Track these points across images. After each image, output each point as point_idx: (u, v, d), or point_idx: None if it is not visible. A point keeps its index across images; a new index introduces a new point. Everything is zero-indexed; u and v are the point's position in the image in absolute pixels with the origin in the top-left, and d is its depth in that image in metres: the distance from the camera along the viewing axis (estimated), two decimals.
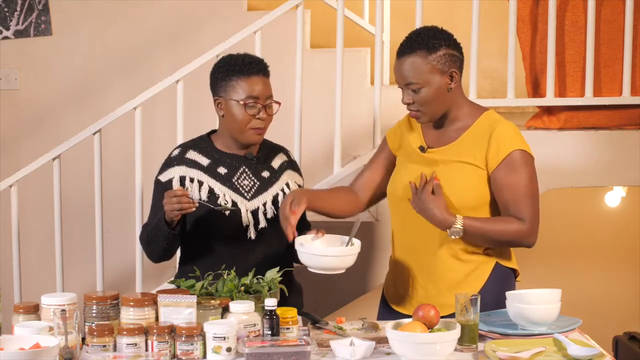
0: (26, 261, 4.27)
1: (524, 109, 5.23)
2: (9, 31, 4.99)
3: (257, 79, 3.09)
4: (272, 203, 3.15)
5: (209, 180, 3.12)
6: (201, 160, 3.15)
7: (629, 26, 4.09)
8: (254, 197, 3.14)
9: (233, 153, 3.17)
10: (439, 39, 2.98)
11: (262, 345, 2.59)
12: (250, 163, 3.17)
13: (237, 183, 3.13)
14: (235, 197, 3.11)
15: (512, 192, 2.96)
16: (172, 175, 3.15)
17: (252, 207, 3.13)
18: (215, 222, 3.11)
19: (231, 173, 3.14)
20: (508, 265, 3.10)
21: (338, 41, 4.09)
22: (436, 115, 3.03)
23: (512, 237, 2.98)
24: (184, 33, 4.99)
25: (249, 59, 3.12)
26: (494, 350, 2.61)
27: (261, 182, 3.16)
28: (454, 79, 2.99)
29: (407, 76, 2.97)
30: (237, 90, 3.08)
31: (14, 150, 4.98)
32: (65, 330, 2.56)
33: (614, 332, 4.67)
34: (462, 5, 5.12)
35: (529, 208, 2.96)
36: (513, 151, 2.97)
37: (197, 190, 3.11)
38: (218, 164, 3.15)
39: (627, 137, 4.15)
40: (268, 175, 3.19)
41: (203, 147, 3.18)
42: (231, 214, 3.10)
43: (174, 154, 3.19)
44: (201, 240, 3.15)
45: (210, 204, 3.07)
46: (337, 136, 4.11)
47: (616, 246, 5.62)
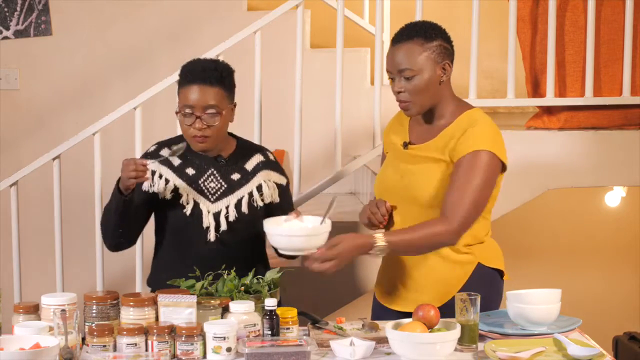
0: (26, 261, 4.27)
1: (524, 109, 5.23)
2: (9, 31, 4.99)
3: (196, 88, 3.04)
4: (234, 206, 3.13)
5: (175, 180, 3.12)
6: (173, 159, 3.15)
7: (629, 26, 4.09)
8: (218, 199, 3.13)
9: (204, 155, 3.16)
10: (435, 30, 3.01)
11: (262, 345, 2.59)
12: (220, 165, 3.16)
13: (203, 185, 3.13)
14: (198, 199, 3.11)
15: (454, 190, 2.91)
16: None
17: (215, 210, 3.12)
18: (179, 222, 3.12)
19: (198, 174, 3.14)
20: (492, 265, 3.08)
21: (338, 41, 4.09)
22: (424, 108, 3.02)
23: (437, 240, 2.92)
24: (184, 33, 4.99)
25: (193, 67, 3.09)
26: (494, 350, 2.61)
27: (229, 185, 3.15)
28: (446, 71, 2.99)
29: (401, 62, 2.97)
30: (179, 99, 3.09)
31: (14, 150, 4.98)
32: (65, 330, 2.56)
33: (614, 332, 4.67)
34: (462, 5, 5.12)
35: (461, 209, 2.89)
36: (476, 151, 2.93)
37: (163, 187, 3.12)
38: (187, 164, 3.15)
39: (627, 137, 4.15)
40: (238, 177, 3.17)
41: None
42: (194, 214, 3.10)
43: (150, 150, 3.21)
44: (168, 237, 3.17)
45: (164, 162, 3.10)
46: (337, 136, 4.11)
47: (616, 246, 5.62)
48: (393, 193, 3.08)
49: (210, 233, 3.11)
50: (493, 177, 2.96)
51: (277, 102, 4.76)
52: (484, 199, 2.95)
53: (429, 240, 2.92)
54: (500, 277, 3.12)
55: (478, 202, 2.93)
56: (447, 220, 2.90)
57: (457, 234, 2.92)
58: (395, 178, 3.08)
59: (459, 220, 2.90)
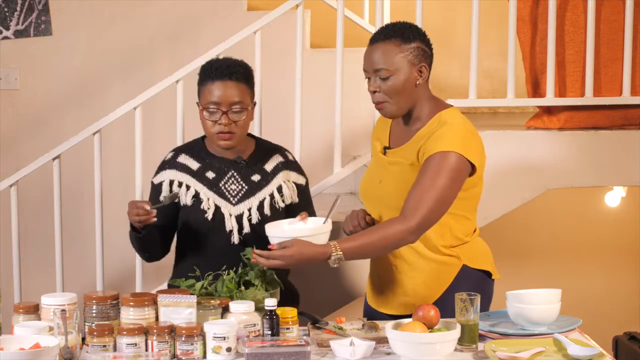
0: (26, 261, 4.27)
1: (524, 109, 5.23)
2: (9, 31, 4.99)
3: (221, 84, 3.07)
4: (257, 208, 3.14)
5: (196, 185, 3.14)
6: (191, 164, 3.16)
7: (629, 26, 4.08)
8: (240, 201, 3.13)
9: (223, 157, 3.16)
10: (413, 32, 2.99)
11: (262, 345, 2.59)
12: (240, 167, 3.16)
13: (224, 187, 3.13)
14: (219, 202, 3.12)
15: (416, 189, 2.88)
16: (163, 178, 3.18)
17: (237, 212, 3.12)
18: (201, 226, 3.12)
19: (219, 177, 3.14)
20: (478, 267, 3.07)
21: (338, 41, 4.09)
22: (401, 109, 3.00)
23: (395, 239, 2.88)
24: (184, 33, 4.99)
25: (218, 64, 3.11)
26: (494, 350, 2.61)
27: (249, 187, 3.15)
28: (423, 74, 2.98)
29: (377, 62, 2.96)
30: (203, 96, 3.10)
31: (14, 150, 4.98)
32: (65, 330, 2.56)
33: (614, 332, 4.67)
34: (462, 5, 5.12)
35: (422, 208, 2.85)
36: (443, 152, 2.89)
37: (184, 194, 3.13)
38: (207, 168, 3.16)
39: (627, 137, 4.15)
40: (259, 178, 3.17)
41: (196, 151, 3.20)
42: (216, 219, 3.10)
43: (167, 158, 3.22)
44: (190, 242, 3.17)
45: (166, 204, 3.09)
46: (337, 136, 4.11)
47: (616, 246, 5.62)
48: (374, 199, 3.08)
49: (234, 236, 3.11)
50: (459, 178, 2.91)
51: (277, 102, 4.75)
52: (447, 199, 2.90)
53: (387, 241, 2.88)
54: (488, 277, 3.11)
55: (440, 202, 2.88)
56: (405, 219, 2.86)
57: (414, 232, 2.87)
58: (374, 184, 3.08)
59: (418, 219, 2.85)
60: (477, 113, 5.37)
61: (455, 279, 3.02)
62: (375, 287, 3.16)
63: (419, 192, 2.87)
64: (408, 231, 2.86)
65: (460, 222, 3.02)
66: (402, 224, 2.86)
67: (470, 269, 3.05)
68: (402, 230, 2.86)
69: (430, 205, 2.86)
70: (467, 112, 3.51)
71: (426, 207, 2.86)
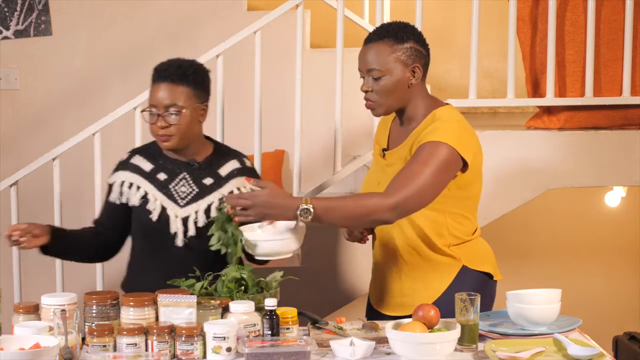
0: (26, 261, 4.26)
1: (524, 109, 5.23)
2: (9, 31, 4.99)
3: (162, 86, 3.05)
4: (204, 212, 3.11)
5: (147, 186, 3.12)
6: (144, 165, 3.15)
7: (629, 26, 4.09)
8: (188, 204, 3.11)
9: (177, 159, 3.14)
10: (408, 32, 2.98)
11: (262, 345, 2.59)
12: (192, 169, 3.14)
13: (174, 189, 3.12)
14: (166, 203, 3.10)
15: (404, 172, 2.85)
16: (115, 179, 3.18)
17: (184, 215, 3.10)
18: (147, 227, 3.11)
19: (170, 179, 3.13)
20: (478, 268, 3.06)
21: (338, 41, 4.10)
22: (390, 109, 3.00)
23: (369, 211, 2.81)
24: (184, 33, 4.99)
25: (165, 66, 3.09)
26: (494, 350, 2.61)
27: (200, 190, 3.13)
28: (416, 74, 2.97)
29: (370, 62, 2.95)
30: (148, 98, 3.10)
31: (14, 150, 4.98)
32: (65, 330, 2.56)
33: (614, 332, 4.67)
34: (462, 5, 5.12)
35: (403, 189, 2.80)
36: (436, 142, 2.87)
37: (134, 195, 3.12)
38: (160, 169, 3.14)
39: (627, 137, 4.15)
40: (211, 182, 3.14)
41: (150, 152, 3.18)
42: (161, 220, 3.08)
43: (122, 159, 3.21)
44: (139, 243, 3.19)
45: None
46: (337, 136, 4.11)
47: (616, 246, 5.62)
48: None
49: (178, 238, 3.09)
50: (447, 170, 2.88)
51: (277, 102, 4.76)
52: (432, 187, 2.85)
53: (361, 209, 2.81)
54: (489, 279, 3.10)
55: (424, 188, 2.84)
56: (385, 195, 2.81)
57: (392, 210, 2.80)
58: (373, 186, 3.08)
59: (398, 198, 2.80)
60: (477, 113, 5.37)
61: (455, 279, 3.02)
62: (379, 290, 3.16)
63: (405, 175, 2.84)
64: (385, 206, 2.80)
65: (458, 220, 3.01)
66: (380, 199, 2.81)
67: (470, 270, 3.04)
68: (379, 203, 2.80)
69: (412, 189, 2.82)
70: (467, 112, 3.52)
71: (408, 190, 2.81)
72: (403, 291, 3.06)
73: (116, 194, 3.16)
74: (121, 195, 3.15)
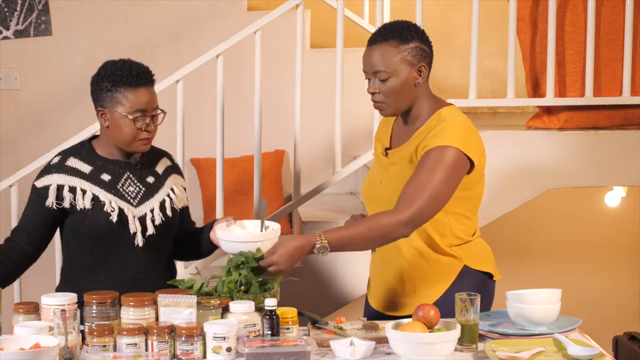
0: None
1: (524, 109, 5.23)
2: (9, 31, 4.99)
3: (144, 91, 3.01)
4: (159, 209, 3.08)
5: (92, 188, 3.03)
6: (82, 167, 3.07)
7: (629, 26, 4.09)
8: (141, 203, 3.07)
9: (115, 159, 3.09)
10: (412, 31, 2.97)
11: (262, 345, 2.59)
12: (135, 169, 3.10)
13: (122, 189, 3.06)
14: (121, 204, 3.03)
15: (411, 182, 2.85)
16: (49, 182, 3.04)
17: (140, 214, 3.06)
18: (102, 230, 3.03)
19: (115, 179, 3.06)
20: (479, 268, 3.05)
21: (338, 41, 4.10)
22: (399, 109, 3.00)
23: (383, 231, 2.84)
24: (184, 33, 4.99)
25: (135, 70, 3.03)
26: (494, 350, 2.61)
27: (147, 188, 3.10)
28: (422, 73, 2.97)
29: (376, 64, 2.94)
30: (123, 103, 2.99)
31: (14, 150, 4.98)
32: (65, 330, 2.56)
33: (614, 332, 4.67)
34: (462, 5, 5.13)
35: (415, 201, 2.82)
36: (442, 146, 2.87)
37: (81, 199, 3.03)
38: (101, 170, 3.07)
39: (627, 137, 4.15)
40: (153, 180, 3.12)
41: (84, 154, 3.09)
42: (119, 221, 3.02)
43: (53, 162, 3.10)
44: (86, 247, 3.07)
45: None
46: (337, 136, 4.11)
47: (616, 246, 5.62)
48: (375, 201, 3.06)
49: (138, 238, 3.04)
50: (457, 173, 2.89)
51: (277, 102, 4.76)
52: (442, 194, 2.86)
53: (375, 232, 2.84)
54: (489, 279, 3.10)
55: (436, 197, 2.85)
56: (397, 212, 2.83)
57: (407, 225, 2.83)
58: (375, 185, 3.07)
59: (411, 212, 2.81)
60: (477, 113, 5.37)
61: (456, 279, 3.02)
62: (379, 291, 3.15)
63: (415, 186, 2.85)
64: (399, 223, 2.82)
65: (461, 221, 3.01)
66: (393, 216, 2.83)
67: (471, 270, 3.04)
68: (392, 222, 2.82)
69: (424, 200, 2.83)
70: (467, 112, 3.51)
71: (420, 201, 2.83)
72: (405, 291, 3.06)
73: (53, 199, 3.02)
74: (61, 200, 3.03)
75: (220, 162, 4.04)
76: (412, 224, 2.85)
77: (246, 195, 4.74)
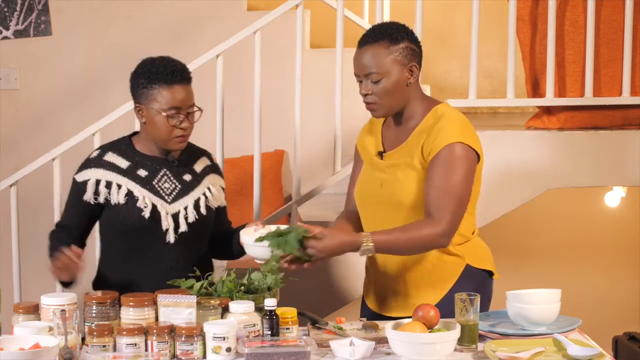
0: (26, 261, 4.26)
1: (524, 109, 5.23)
2: (8, 31, 4.99)
3: (180, 88, 3.03)
4: (193, 207, 3.11)
5: (127, 183, 3.07)
6: (120, 162, 3.10)
7: (629, 26, 4.08)
8: (175, 200, 3.10)
9: (154, 155, 3.12)
10: (401, 32, 2.98)
11: (262, 345, 2.59)
12: (172, 166, 3.13)
13: (158, 186, 3.09)
14: (155, 200, 3.06)
15: (437, 190, 2.89)
16: (87, 177, 3.10)
17: (173, 211, 3.08)
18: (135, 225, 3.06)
19: (151, 175, 3.09)
20: (480, 267, 3.07)
21: (338, 41, 4.09)
22: (392, 110, 3.00)
23: (425, 243, 2.91)
24: (184, 33, 4.99)
25: (171, 67, 3.05)
26: (494, 350, 2.61)
27: (183, 185, 3.12)
28: (414, 73, 2.98)
29: (368, 66, 2.96)
30: (158, 100, 3.03)
31: (14, 150, 4.98)
32: (65, 330, 2.56)
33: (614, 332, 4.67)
34: (462, 5, 5.12)
35: (449, 209, 2.87)
36: (450, 144, 2.90)
37: (116, 194, 3.06)
38: (138, 166, 3.10)
39: (627, 137, 4.15)
40: (190, 178, 3.15)
41: (123, 150, 3.13)
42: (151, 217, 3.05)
43: (92, 156, 3.15)
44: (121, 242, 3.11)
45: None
46: (337, 136, 4.11)
47: (616, 246, 5.62)
48: (376, 203, 3.06)
49: (170, 235, 3.07)
50: (471, 168, 2.92)
51: (277, 102, 4.76)
52: (467, 193, 2.92)
53: (416, 242, 2.90)
54: (490, 277, 3.11)
55: (462, 198, 2.90)
56: (434, 223, 2.87)
57: (447, 235, 2.89)
58: (374, 187, 3.06)
59: (446, 222, 2.87)
60: (477, 113, 5.37)
61: (459, 278, 3.02)
62: (379, 292, 3.14)
63: (438, 192, 2.88)
64: (437, 235, 2.88)
65: (466, 218, 3.02)
66: (432, 228, 2.88)
67: (473, 269, 3.05)
68: (432, 234, 2.88)
69: (454, 205, 2.88)
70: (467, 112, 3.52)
71: (450, 208, 2.87)
72: (408, 292, 3.05)
73: (91, 193, 3.08)
74: (98, 194, 3.08)
75: (220, 162, 4.04)
76: (449, 234, 2.90)
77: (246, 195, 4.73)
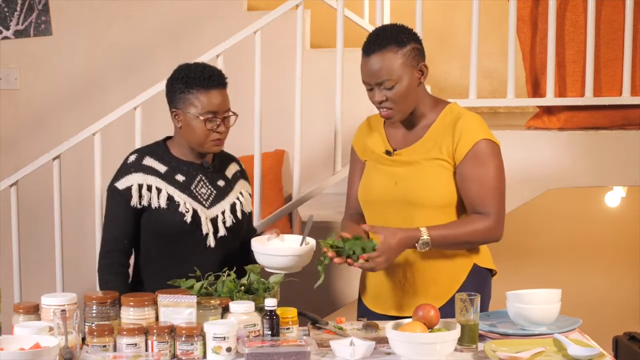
0: (26, 261, 4.27)
1: (524, 109, 5.23)
2: (9, 31, 4.99)
3: (216, 93, 3.06)
4: (230, 212, 3.14)
5: (167, 187, 3.09)
6: (158, 167, 3.12)
7: (629, 26, 4.09)
8: (213, 205, 3.13)
9: (189, 161, 3.14)
10: (406, 34, 2.97)
11: (262, 345, 2.59)
12: (207, 171, 3.15)
13: (195, 191, 3.12)
14: (195, 205, 3.09)
15: (478, 186, 2.95)
16: (130, 182, 3.09)
17: (212, 215, 3.11)
18: (176, 230, 3.08)
19: (189, 181, 3.12)
20: (485, 265, 3.09)
21: (338, 41, 4.09)
22: (407, 112, 3.00)
23: (481, 236, 2.97)
24: (184, 33, 4.99)
25: (208, 72, 3.08)
26: (494, 350, 2.61)
27: (218, 191, 3.15)
28: (424, 72, 2.98)
29: (379, 74, 2.93)
30: (195, 105, 3.05)
31: (14, 150, 4.98)
32: (65, 330, 2.56)
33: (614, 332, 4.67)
34: (462, 5, 5.12)
35: (494, 202, 2.95)
36: (478, 141, 2.96)
37: (156, 198, 3.07)
38: (175, 171, 3.12)
39: (627, 137, 4.15)
40: (223, 184, 3.18)
41: (159, 154, 3.15)
42: (192, 222, 3.07)
43: (130, 160, 3.14)
44: (160, 246, 3.12)
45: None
46: (337, 136, 4.11)
47: (616, 246, 5.62)
48: (387, 201, 3.04)
49: (210, 239, 3.10)
50: (502, 161, 3.02)
51: (277, 102, 4.76)
52: (504, 184, 3.01)
53: (473, 236, 2.96)
54: (491, 275, 3.13)
55: (502, 190, 2.99)
56: (485, 217, 2.94)
57: (500, 228, 2.97)
58: (387, 185, 3.04)
59: (496, 213, 2.95)
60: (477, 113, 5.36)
61: (467, 277, 3.03)
62: (381, 291, 3.13)
63: (481, 190, 2.95)
64: (492, 228, 2.95)
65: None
66: (486, 222, 2.95)
67: (479, 268, 3.06)
68: (487, 227, 2.95)
69: (497, 199, 2.96)
70: None
71: (495, 202, 2.96)
72: (418, 291, 3.04)
73: (137, 198, 3.08)
74: (141, 198, 3.09)
75: None
76: (502, 227, 2.98)
77: None
